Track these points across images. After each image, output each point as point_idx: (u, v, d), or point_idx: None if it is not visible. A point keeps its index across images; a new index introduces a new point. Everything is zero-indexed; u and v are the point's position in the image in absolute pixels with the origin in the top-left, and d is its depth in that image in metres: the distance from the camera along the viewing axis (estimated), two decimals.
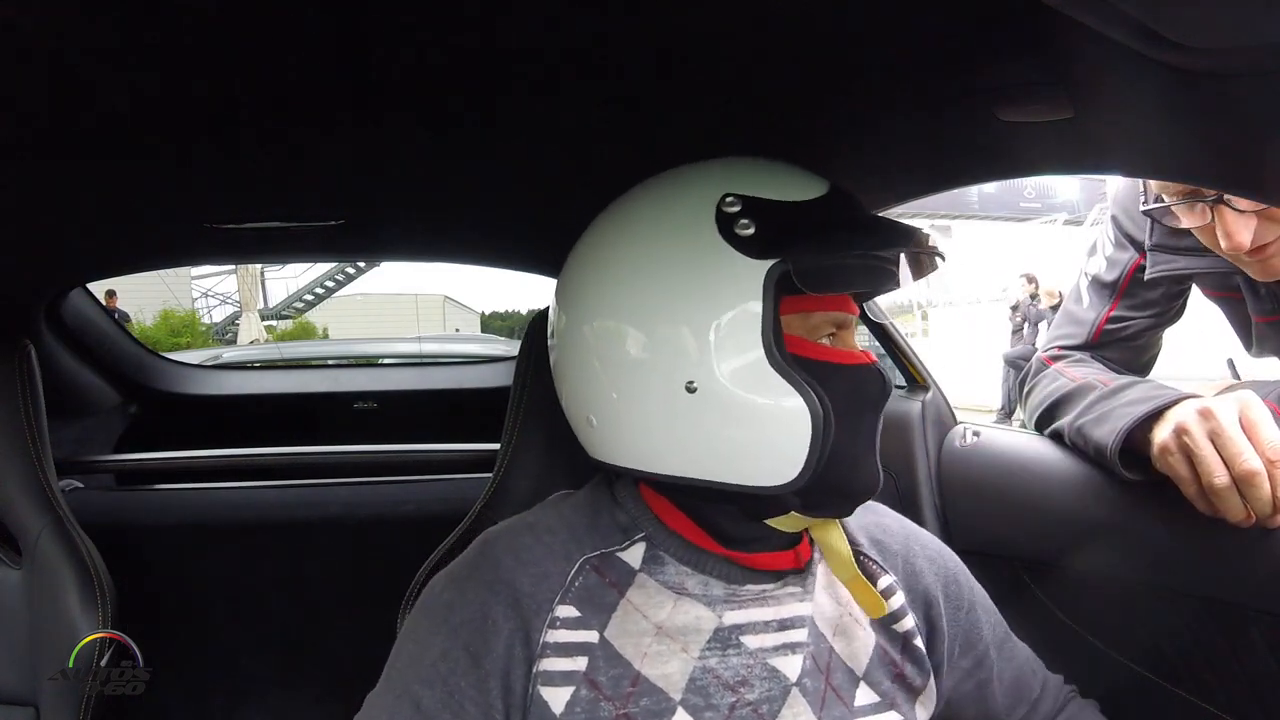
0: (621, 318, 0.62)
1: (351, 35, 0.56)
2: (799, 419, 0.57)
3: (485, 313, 20.42)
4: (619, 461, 0.65)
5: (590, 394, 0.65)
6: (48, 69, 0.57)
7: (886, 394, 0.64)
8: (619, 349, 0.62)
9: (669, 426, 0.61)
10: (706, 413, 0.59)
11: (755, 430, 0.59)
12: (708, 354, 0.58)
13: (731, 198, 0.60)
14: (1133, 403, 0.83)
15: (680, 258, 0.60)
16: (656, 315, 0.60)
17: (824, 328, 0.62)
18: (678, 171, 0.66)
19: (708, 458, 0.60)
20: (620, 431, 0.64)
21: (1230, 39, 0.38)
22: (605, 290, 0.63)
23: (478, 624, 0.59)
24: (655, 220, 0.63)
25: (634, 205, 0.66)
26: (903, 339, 1.21)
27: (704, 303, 0.59)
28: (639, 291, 0.61)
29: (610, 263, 0.64)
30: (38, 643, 1.05)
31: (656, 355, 0.60)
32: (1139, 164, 0.70)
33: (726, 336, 0.58)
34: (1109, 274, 1.01)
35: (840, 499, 0.63)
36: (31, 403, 1.11)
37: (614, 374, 0.62)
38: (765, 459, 0.59)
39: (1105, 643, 0.89)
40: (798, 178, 0.63)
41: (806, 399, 0.57)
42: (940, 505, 1.08)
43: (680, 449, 0.61)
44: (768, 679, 0.61)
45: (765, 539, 0.65)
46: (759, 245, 0.58)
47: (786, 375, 0.58)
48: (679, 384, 0.59)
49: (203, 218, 1.01)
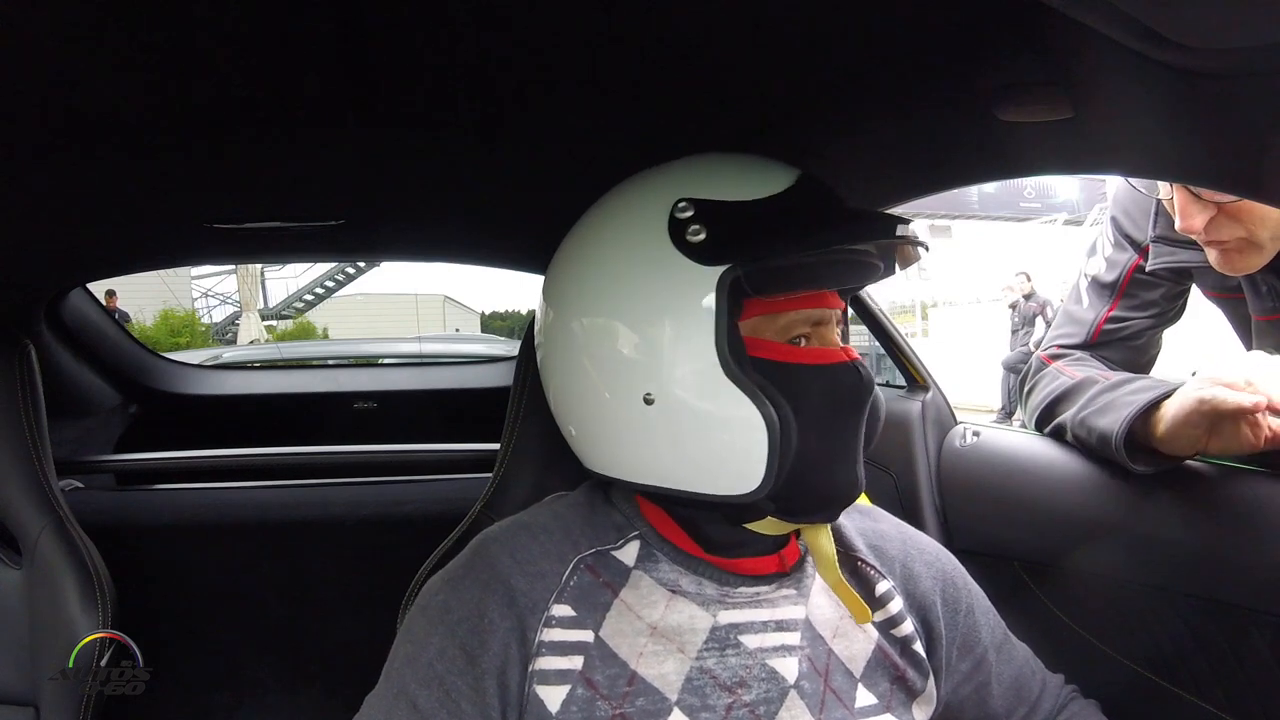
0: (593, 316, 0.62)
1: (351, 36, 0.56)
2: (756, 428, 0.56)
3: (485, 313, 20.43)
4: (600, 469, 0.65)
5: (568, 399, 0.66)
6: (48, 69, 0.57)
7: (867, 392, 0.62)
8: (589, 350, 0.62)
9: (634, 437, 0.61)
10: (666, 424, 0.59)
11: (713, 440, 0.58)
12: (664, 364, 0.58)
13: (684, 203, 0.59)
14: (1137, 391, 0.84)
15: (635, 268, 0.60)
16: (615, 327, 0.60)
17: (796, 327, 0.61)
18: (642, 175, 0.65)
19: (673, 467, 0.60)
20: (595, 441, 0.65)
21: (1230, 39, 0.38)
22: (573, 297, 0.64)
23: (474, 623, 0.59)
24: (614, 229, 0.63)
25: (599, 212, 0.66)
26: (903, 339, 1.21)
27: (657, 313, 0.58)
28: (601, 303, 0.61)
29: (577, 272, 0.64)
30: (38, 643, 1.05)
31: (617, 367, 0.60)
32: (1139, 164, 0.70)
33: (682, 346, 0.58)
34: (1108, 274, 1.01)
35: (818, 504, 0.62)
36: (31, 403, 1.11)
37: (584, 376, 0.63)
38: (726, 467, 0.58)
39: (1105, 643, 0.89)
40: (761, 172, 0.62)
41: (761, 408, 0.56)
42: (940, 505, 1.08)
43: (647, 459, 0.61)
44: (765, 680, 0.61)
45: (749, 544, 0.65)
46: (710, 251, 0.57)
47: (741, 384, 0.57)
48: (638, 396, 0.59)
49: (203, 218, 1.01)
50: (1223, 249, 0.83)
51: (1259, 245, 0.81)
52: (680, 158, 0.66)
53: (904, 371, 1.21)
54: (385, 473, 1.51)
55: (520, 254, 1.32)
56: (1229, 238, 0.81)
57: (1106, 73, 0.52)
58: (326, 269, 14.85)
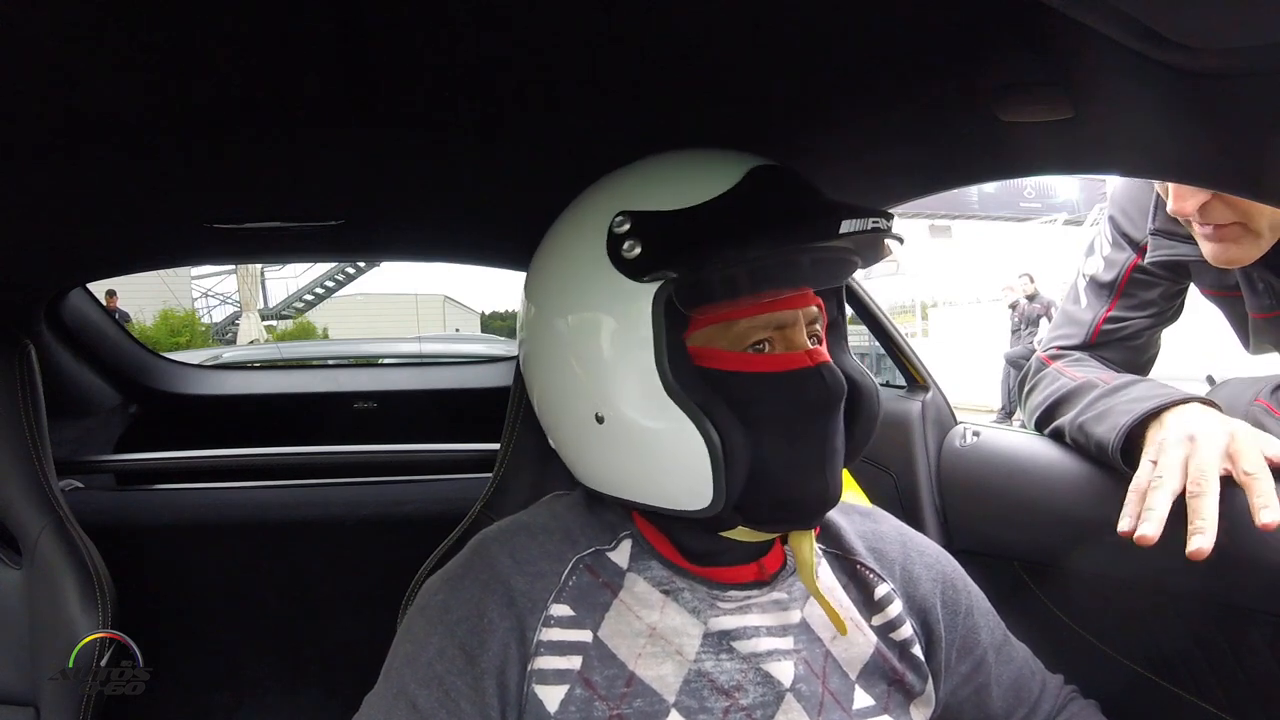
0: (547, 341, 0.63)
1: (351, 36, 0.56)
2: (697, 447, 0.56)
3: (485, 313, 20.39)
4: (578, 477, 0.66)
5: (541, 407, 0.68)
6: (48, 69, 0.57)
7: (834, 395, 0.59)
8: (550, 369, 0.63)
9: (593, 452, 0.62)
10: (617, 441, 0.59)
11: (663, 457, 0.58)
12: (609, 384, 0.58)
13: (621, 216, 0.59)
14: (1135, 400, 0.83)
15: (578, 285, 0.60)
16: (567, 344, 0.61)
17: (754, 334, 0.59)
18: (594, 185, 0.65)
19: (632, 482, 0.60)
20: (565, 450, 0.66)
21: (1230, 39, 0.38)
22: (534, 311, 0.65)
23: (473, 622, 0.59)
24: (561, 244, 0.64)
25: (557, 225, 0.66)
26: (903, 339, 1.21)
27: (599, 331, 0.58)
28: (553, 320, 0.62)
29: (536, 286, 0.66)
30: (38, 643, 1.05)
31: (570, 384, 0.61)
32: (1139, 164, 0.70)
33: (625, 364, 0.58)
34: (1106, 274, 1.01)
35: (788, 513, 0.60)
36: (31, 403, 1.11)
37: (549, 392, 0.64)
38: (678, 484, 0.58)
39: (1105, 643, 0.89)
40: (706, 172, 0.60)
41: (700, 426, 0.55)
42: (940, 505, 1.08)
43: (610, 473, 0.62)
44: (762, 684, 0.61)
45: (728, 551, 0.64)
46: (645, 266, 0.57)
47: (680, 401, 0.56)
48: (590, 414, 0.60)
49: (203, 218, 1.01)
50: (1218, 238, 0.81)
51: (1255, 234, 0.79)
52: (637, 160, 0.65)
53: (904, 371, 1.21)
54: (385, 473, 1.51)
55: (520, 254, 1.30)
56: (1224, 220, 0.79)
57: (1106, 73, 0.52)
58: (326, 269, 14.86)
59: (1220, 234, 0.81)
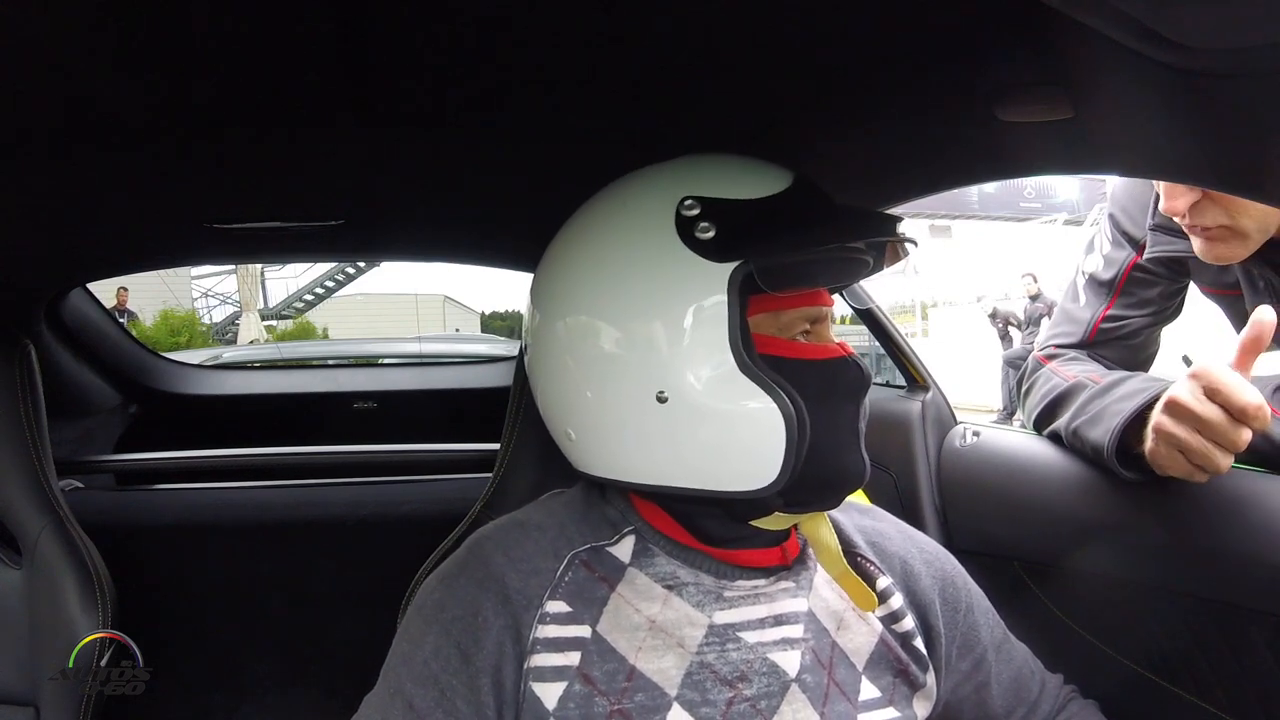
0: (594, 315, 0.62)
1: (351, 36, 0.56)
2: (773, 422, 0.57)
3: (485, 313, 20.40)
4: (599, 472, 0.65)
5: (565, 402, 0.65)
6: (48, 69, 0.57)
7: (865, 383, 0.64)
8: (590, 350, 0.62)
9: (643, 438, 0.60)
10: (679, 422, 0.59)
11: (730, 436, 0.58)
12: (676, 361, 0.58)
13: (690, 200, 0.59)
14: (1123, 398, 0.83)
15: (642, 263, 0.60)
16: (623, 320, 0.60)
17: (797, 324, 0.62)
18: (641, 173, 0.65)
19: (685, 467, 0.60)
20: (597, 444, 0.64)
21: (1230, 39, 0.38)
22: (572, 297, 0.63)
23: (468, 621, 0.59)
24: (616, 227, 0.63)
25: (597, 210, 0.66)
26: (903, 339, 1.21)
27: (668, 309, 0.58)
28: (605, 295, 0.61)
29: (575, 271, 0.64)
30: (38, 643, 1.05)
31: (626, 362, 0.60)
32: (1139, 164, 0.70)
33: (694, 343, 0.58)
34: (1106, 272, 1.01)
35: (825, 492, 0.63)
36: (31, 403, 1.11)
37: (586, 377, 0.62)
38: (742, 464, 0.58)
39: (1105, 643, 0.89)
40: (760, 173, 0.63)
41: (779, 401, 0.57)
42: (940, 505, 1.08)
43: (656, 460, 0.61)
44: (766, 674, 0.61)
45: (751, 538, 0.65)
46: (720, 248, 0.58)
47: (757, 379, 0.57)
48: (650, 394, 0.59)
49: (203, 218, 1.01)
50: (1207, 236, 0.82)
51: (1243, 234, 0.80)
52: (676, 157, 0.66)
53: (904, 371, 1.21)
54: (385, 473, 1.51)
55: (520, 254, 1.31)
56: (1212, 223, 0.80)
57: (1106, 73, 0.52)
58: (326, 269, 14.86)
59: (1208, 233, 0.82)
